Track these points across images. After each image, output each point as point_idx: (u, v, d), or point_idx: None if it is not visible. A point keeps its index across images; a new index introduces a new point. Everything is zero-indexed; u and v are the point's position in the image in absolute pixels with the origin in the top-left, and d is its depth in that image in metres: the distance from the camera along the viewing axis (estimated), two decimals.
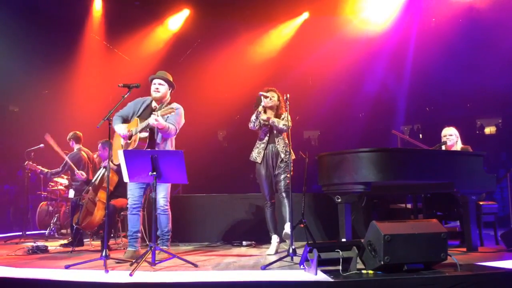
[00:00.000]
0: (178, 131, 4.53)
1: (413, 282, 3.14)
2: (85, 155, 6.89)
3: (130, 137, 4.45)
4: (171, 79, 4.61)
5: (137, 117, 4.50)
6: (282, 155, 4.83)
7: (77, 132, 7.10)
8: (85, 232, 5.81)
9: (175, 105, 4.44)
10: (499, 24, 10.43)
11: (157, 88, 4.50)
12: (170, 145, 4.52)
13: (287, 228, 4.60)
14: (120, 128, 4.48)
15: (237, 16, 11.30)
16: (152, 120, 4.19)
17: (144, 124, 4.32)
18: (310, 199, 6.16)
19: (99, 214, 5.38)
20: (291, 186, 4.44)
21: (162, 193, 4.44)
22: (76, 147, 7.00)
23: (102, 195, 5.47)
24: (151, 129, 4.39)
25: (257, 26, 11.54)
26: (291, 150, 4.78)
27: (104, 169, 5.67)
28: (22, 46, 9.75)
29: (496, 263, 3.78)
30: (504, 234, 4.78)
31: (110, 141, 4.20)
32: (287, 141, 4.88)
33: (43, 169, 6.93)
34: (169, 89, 4.62)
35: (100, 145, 6.24)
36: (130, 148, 4.37)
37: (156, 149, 4.38)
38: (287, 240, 4.65)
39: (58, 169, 6.91)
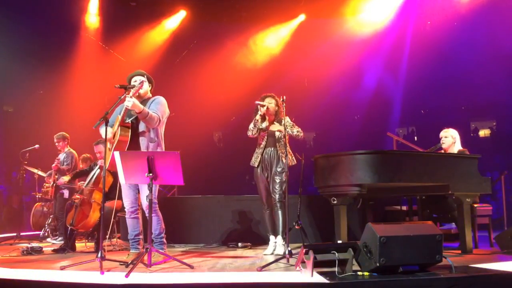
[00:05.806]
0: (162, 120, 4.35)
1: (408, 284, 3.16)
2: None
3: (114, 136, 4.29)
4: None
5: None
6: (284, 160, 4.72)
7: (66, 134, 7.12)
8: (77, 233, 5.78)
9: (156, 97, 4.43)
10: (494, 28, 10.50)
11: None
12: (156, 136, 4.32)
13: (279, 241, 4.72)
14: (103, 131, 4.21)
15: (233, 18, 11.30)
16: (127, 103, 4.07)
17: (122, 111, 4.21)
18: (306, 201, 6.17)
19: (94, 215, 5.35)
20: (287, 191, 4.43)
21: (145, 193, 4.07)
22: (65, 148, 7.03)
23: (97, 196, 5.43)
24: (133, 122, 4.30)
25: (253, 28, 11.55)
26: (291, 155, 4.86)
27: (99, 170, 5.65)
28: (17, 46, 9.70)
29: (490, 265, 3.80)
30: (498, 236, 4.82)
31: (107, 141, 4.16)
32: (288, 146, 4.83)
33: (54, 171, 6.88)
34: (149, 86, 4.55)
35: (94, 146, 6.15)
36: (114, 141, 4.21)
37: (141, 138, 4.27)
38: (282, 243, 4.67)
39: (67, 165, 6.89)
